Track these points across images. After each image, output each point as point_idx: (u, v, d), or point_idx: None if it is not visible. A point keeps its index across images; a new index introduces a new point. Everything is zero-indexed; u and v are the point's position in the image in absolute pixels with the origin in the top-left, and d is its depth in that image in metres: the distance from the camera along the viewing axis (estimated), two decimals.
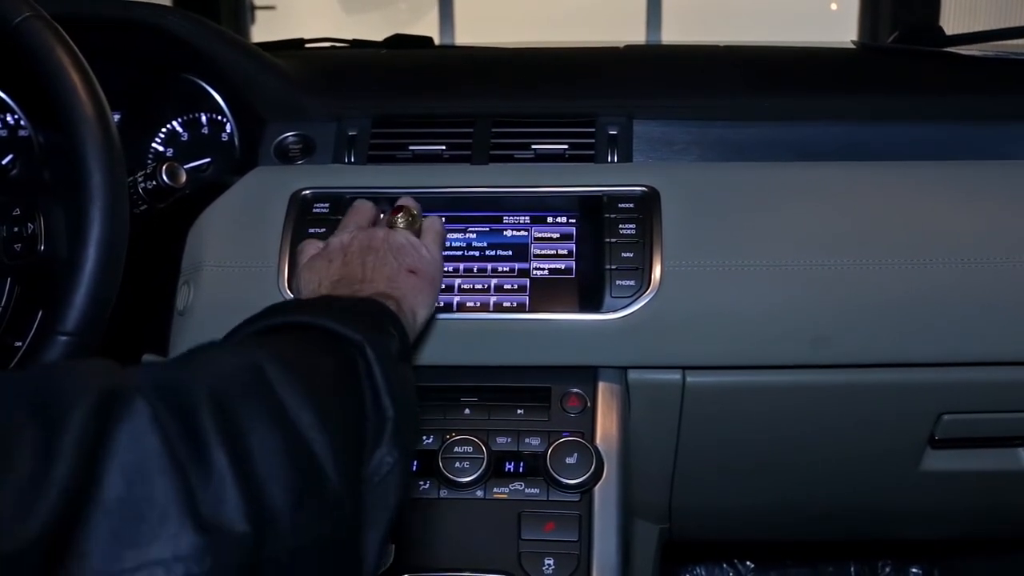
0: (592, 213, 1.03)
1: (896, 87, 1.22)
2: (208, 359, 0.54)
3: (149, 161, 1.22)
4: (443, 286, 0.90)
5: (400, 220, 0.88)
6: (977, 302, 0.97)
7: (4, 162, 1.15)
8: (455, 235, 1.04)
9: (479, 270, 1.03)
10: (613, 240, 1.00)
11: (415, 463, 0.94)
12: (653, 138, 1.12)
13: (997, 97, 1.19)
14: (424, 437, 0.96)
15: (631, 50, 1.37)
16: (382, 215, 0.93)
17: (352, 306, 0.70)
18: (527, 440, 0.96)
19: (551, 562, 0.89)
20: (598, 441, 0.96)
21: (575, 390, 0.99)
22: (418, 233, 0.88)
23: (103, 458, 0.43)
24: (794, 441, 1.07)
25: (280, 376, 0.53)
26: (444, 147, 1.12)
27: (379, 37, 1.52)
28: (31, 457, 0.41)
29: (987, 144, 1.11)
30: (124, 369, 0.51)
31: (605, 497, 0.93)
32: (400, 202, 0.90)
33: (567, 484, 0.92)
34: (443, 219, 0.94)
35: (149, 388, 0.47)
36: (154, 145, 1.23)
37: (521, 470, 0.95)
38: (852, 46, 1.50)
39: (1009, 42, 1.44)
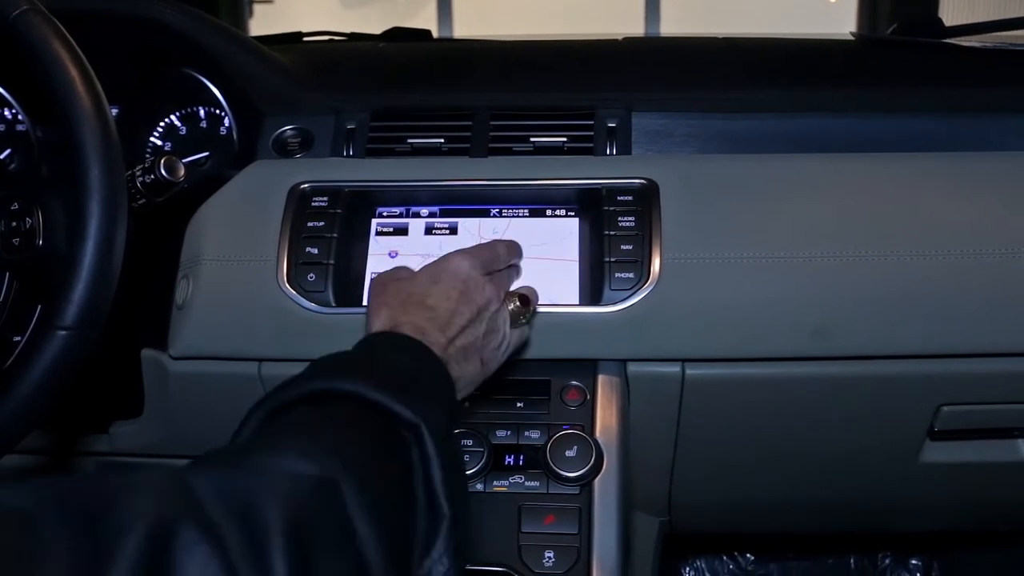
0: (591, 206, 1.03)
1: (895, 79, 1.22)
2: (282, 465, 0.51)
3: (147, 155, 1.22)
4: None
5: (516, 305, 0.85)
6: (976, 294, 0.97)
7: (2, 156, 1.15)
8: (452, 224, 1.04)
9: None
10: (612, 233, 1.00)
11: None
12: (652, 130, 1.12)
13: (996, 88, 1.19)
14: None
15: (630, 42, 1.36)
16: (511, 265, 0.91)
17: (408, 370, 0.66)
18: (527, 433, 0.96)
19: (551, 555, 0.89)
20: (598, 434, 0.96)
21: (575, 383, 0.99)
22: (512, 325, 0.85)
23: None
24: (794, 433, 1.07)
25: (356, 501, 0.50)
26: (443, 140, 1.11)
27: (377, 30, 1.51)
28: None
29: (986, 135, 1.11)
30: (182, 473, 0.47)
31: (605, 490, 0.93)
32: (525, 289, 0.88)
33: (567, 477, 0.92)
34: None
35: (212, 502, 0.44)
36: (152, 139, 1.22)
37: (521, 463, 0.95)
38: (851, 38, 1.49)
39: (1008, 33, 1.43)
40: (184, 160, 1.04)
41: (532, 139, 1.11)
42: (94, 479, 0.45)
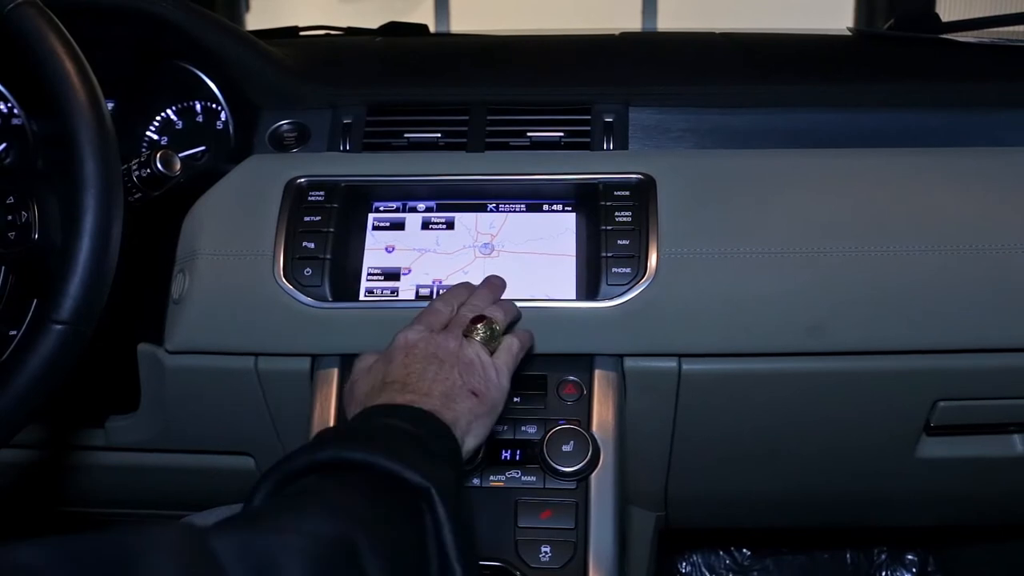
0: (588, 201, 1.03)
1: (892, 74, 1.22)
2: (300, 526, 0.51)
3: (143, 149, 1.22)
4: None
5: (480, 332, 0.84)
6: (973, 289, 0.97)
7: None
8: (447, 219, 1.04)
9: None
10: (609, 228, 1.00)
11: None
12: (649, 125, 1.12)
13: (994, 83, 1.19)
14: None
15: (627, 37, 1.36)
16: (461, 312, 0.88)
17: (409, 435, 0.67)
18: (523, 428, 0.96)
19: (548, 550, 0.89)
20: (594, 429, 0.96)
21: (571, 378, 0.99)
22: (493, 351, 0.84)
23: None
24: (790, 428, 1.07)
25: (373, 564, 0.51)
26: (439, 135, 1.11)
27: (374, 25, 1.51)
28: None
29: (984, 131, 1.11)
30: (203, 534, 0.47)
31: (601, 485, 0.93)
32: (487, 311, 0.86)
33: (563, 472, 0.92)
34: (527, 339, 0.91)
35: (236, 567, 0.44)
36: (148, 133, 1.22)
37: (518, 458, 0.95)
38: (848, 33, 1.49)
39: (1004, 28, 1.43)
40: (180, 154, 1.04)
41: (529, 134, 1.11)
42: (112, 539, 0.44)
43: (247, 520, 0.53)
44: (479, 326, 0.84)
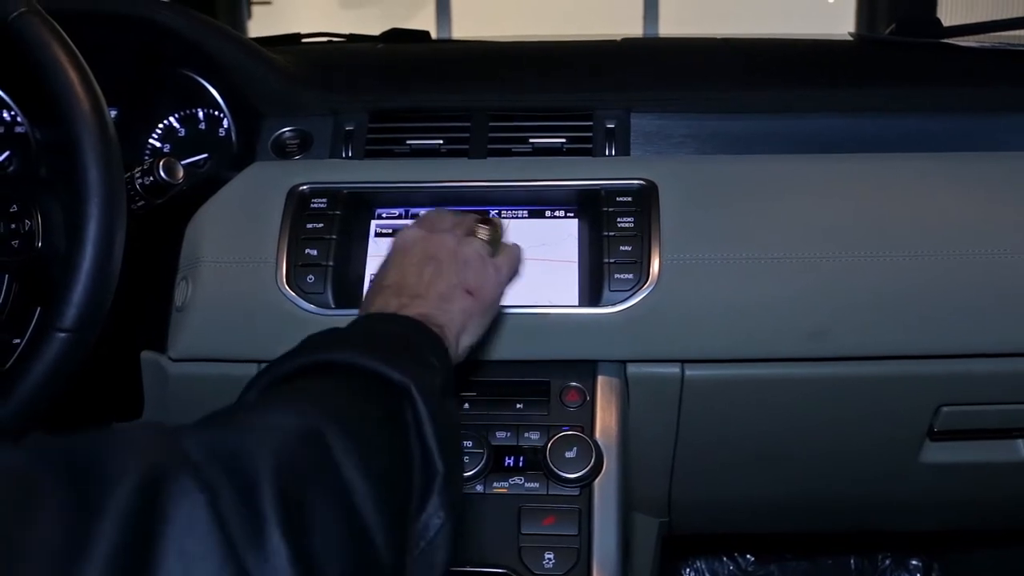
0: (590, 207, 1.03)
1: (894, 79, 1.22)
2: (269, 420, 0.52)
3: (146, 157, 1.22)
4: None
5: (483, 231, 0.82)
6: (975, 294, 0.97)
7: (1, 158, 1.15)
8: None
9: None
10: (611, 234, 1.00)
11: None
12: (651, 131, 1.12)
13: (995, 88, 1.19)
14: None
15: (628, 43, 1.36)
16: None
17: (397, 338, 0.67)
18: (527, 434, 0.96)
19: (551, 556, 0.89)
20: (598, 435, 0.96)
21: (574, 384, 0.99)
22: (494, 254, 0.82)
23: (157, 540, 0.41)
24: (793, 434, 1.07)
25: (342, 447, 0.51)
26: (441, 141, 1.11)
27: (376, 31, 1.51)
28: (63, 530, 0.39)
29: (985, 136, 1.11)
30: (175, 432, 0.48)
31: (605, 491, 0.93)
32: (487, 217, 0.85)
33: (567, 478, 0.92)
34: (521, 252, 0.87)
35: (204, 459, 0.45)
36: (151, 141, 1.22)
37: (521, 464, 0.95)
38: (849, 38, 1.49)
39: (1006, 33, 1.43)
40: (183, 162, 1.04)
41: (531, 140, 1.11)
42: (86, 437, 0.46)
43: (222, 419, 0.53)
44: (481, 227, 0.83)
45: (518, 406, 0.98)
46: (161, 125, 1.23)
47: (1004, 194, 1.03)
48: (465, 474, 0.92)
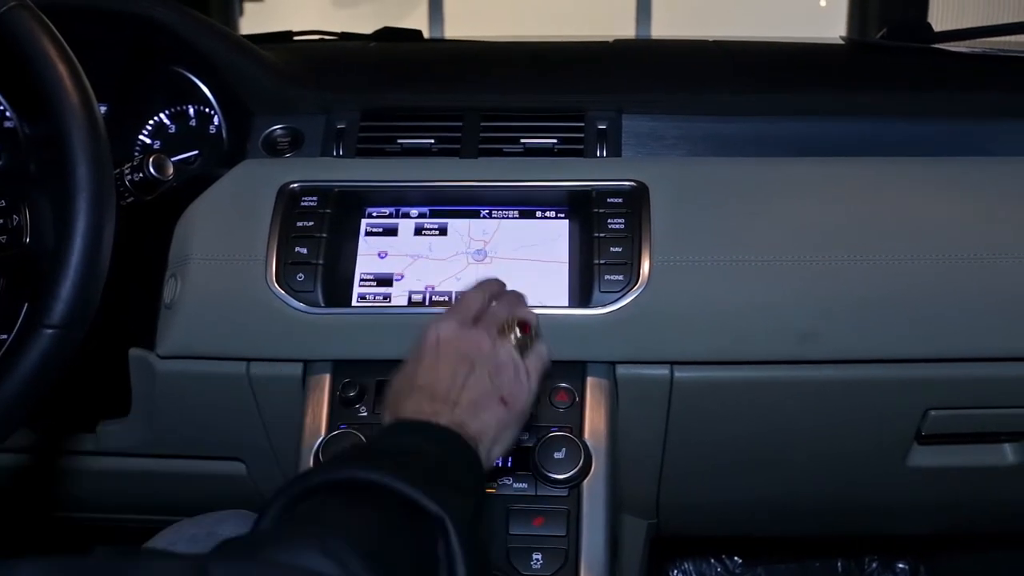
0: (581, 207, 1.03)
1: (884, 83, 1.22)
2: (295, 560, 0.49)
3: (136, 153, 1.21)
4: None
5: (517, 333, 0.79)
6: (964, 298, 0.97)
7: None
8: (441, 226, 1.04)
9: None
10: (602, 235, 1.00)
11: None
12: (642, 133, 1.12)
13: (984, 93, 1.19)
14: None
15: (620, 44, 1.36)
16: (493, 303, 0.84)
17: (432, 457, 0.65)
18: None
19: (539, 557, 0.89)
20: (586, 436, 0.96)
21: (563, 385, 0.99)
22: (524, 354, 0.79)
23: None
24: (781, 436, 1.07)
25: None
26: (433, 141, 1.11)
27: (368, 30, 1.51)
28: None
29: (974, 140, 1.12)
30: (203, 567, 0.46)
31: (593, 492, 0.93)
32: (521, 314, 0.81)
33: (555, 479, 0.92)
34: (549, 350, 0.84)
35: None
36: (141, 137, 1.22)
37: (509, 465, 0.95)
38: (840, 42, 1.50)
39: (996, 39, 1.44)
40: (173, 159, 1.04)
41: (522, 140, 1.11)
42: (109, 568, 0.44)
43: (249, 547, 0.51)
44: (517, 330, 0.80)
45: None
46: (151, 121, 1.22)
47: (992, 199, 1.03)
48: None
